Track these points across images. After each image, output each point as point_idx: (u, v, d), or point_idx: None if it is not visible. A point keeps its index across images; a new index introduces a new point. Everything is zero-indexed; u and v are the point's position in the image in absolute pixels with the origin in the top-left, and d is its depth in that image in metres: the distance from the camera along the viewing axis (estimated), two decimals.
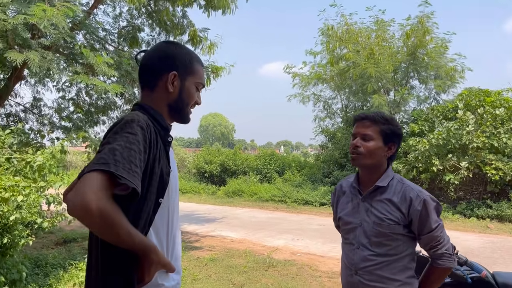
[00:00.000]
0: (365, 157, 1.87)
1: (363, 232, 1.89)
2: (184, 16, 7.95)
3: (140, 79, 1.53)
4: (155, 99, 1.49)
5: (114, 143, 1.22)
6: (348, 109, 16.53)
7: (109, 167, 1.15)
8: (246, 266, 6.08)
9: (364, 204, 1.92)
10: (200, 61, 1.60)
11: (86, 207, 1.10)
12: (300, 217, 11.58)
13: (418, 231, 1.84)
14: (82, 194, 1.11)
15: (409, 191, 1.84)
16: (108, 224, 1.14)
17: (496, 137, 10.65)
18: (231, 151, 20.90)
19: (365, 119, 1.91)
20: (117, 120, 1.33)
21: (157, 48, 1.55)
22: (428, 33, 13.34)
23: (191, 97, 1.55)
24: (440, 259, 1.85)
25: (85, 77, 5.52)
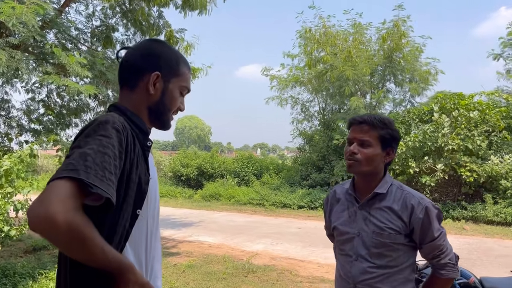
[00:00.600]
0: (363, 164, 1.74)
1: (361, 242, 1.76)
2: (160, 17, 7.78)
3: (120, 77, 1.39)
4: (134, 100, 1.35)
5: (85, 147, 1.06)
6: (326, 111, 16.60)
7: (79, 174, 1.00)
8: (225, 272, 5.93)
9: (361, 213, 1.79)
10: (187, 64, 1.46)
11: (51, 220, 0.93)
12: (279, 220, 11.50)
13: (420, 240, 1.73)
14: (46, 204, 0.95)
15: (410, 198, 1.73)
16: (77, 240, 0.99)
17: (470, 139, 10.84)
18: (208, 154, 20.68)
19: (362, 123, 1.76)
20: (89, 122, 1.18)
21: (141, 45, 1.43)
22: (404, 36, 13.53)
23: (173, 101, 1.39)
24: (443, 269, 1.75)
25: (57, 78, 5.27)
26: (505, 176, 10.51)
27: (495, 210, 10.20)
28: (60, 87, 7.19)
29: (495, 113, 11.05)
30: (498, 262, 6.83)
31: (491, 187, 10.92)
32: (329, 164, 14.60)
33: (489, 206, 10.37)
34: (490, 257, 7.18)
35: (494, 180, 10.73)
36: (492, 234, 9.15)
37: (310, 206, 13.21)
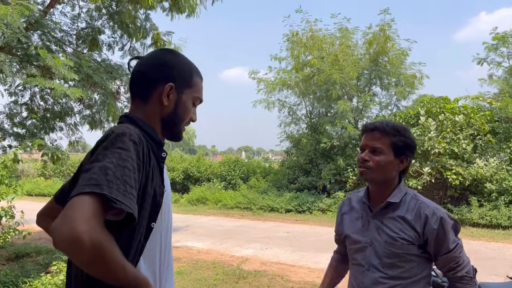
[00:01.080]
0: (374, 171, 1.70)
1: (374, 252, 1.71)
2: (147, 19, 7.66)
3: (132, 88, 1.36)
4: (147, 111, 1.32)
5: (104, 161, 1.02)
6: (313, 115, 16.61)
7: (102, 189, 0.97)
8: (216, 278, 5.83)
9: (374, 222, 1.75)
10: (199, 74, 1.43)
11: (76, 239, 0.90)
12: (267, 224, 11.43)
13: (435, 252, 1.67)
14: (71, 223, 0.91)
15: (424, 208, 1.68)
16: (101, 259, 0.95)
17: (456, 143, 10.97)
18: (194, 157, 20.52)
19: (374, 130, 1.72)
20: (105, 133, 1.13)
21: (154, 55, 1.39)
22: (390, 40, 13.65)
23: (187, 112, 1.37)
24: (460, 282, 1.69)
25: (42, 80, 5.13)
26: (490, 179, 10.66)
27: (480, 212, 10.32)
28: (44, 90, 7.01)
29: (480, 117, 11.22)
30: (485, 264, 6.88)
31: (476, 190, 11.07)
32: (317, 168, 14.60)
33: (474, 209, 10.50)
34: (477, 260, 7.23)
35: (479, 183, 10.88)
36: (478, 237, 9.25)
37: (298, 210, 13.18)
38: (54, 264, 4.92)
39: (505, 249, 8.09)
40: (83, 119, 7.98)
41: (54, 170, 22.76)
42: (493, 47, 15.15)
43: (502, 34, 14.71)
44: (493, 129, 11.67)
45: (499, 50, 15.18)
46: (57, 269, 4.77)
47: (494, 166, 10.71)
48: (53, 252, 7.11)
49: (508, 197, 10.35)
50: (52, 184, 20.79)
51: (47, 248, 7.66)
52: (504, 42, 14.80)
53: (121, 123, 1.27)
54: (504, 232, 9.59)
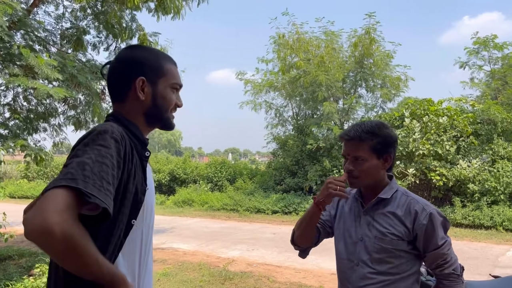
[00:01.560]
0: (362, 179, 1.72)
1: (364, 247, 1.72)
2: (133, 20, 7.61)
3: (109, 92, 1.39)
4: (128, 110, 1.34)
5: (83, 156, 1.03)
6: (299, 117, 16.68)
7: (77, 183, 0.98)
8: (202, 280, 5.81)
9: (366, 218, 1.76)
10: (171, 59, 1.42)
11: (47, 230, 0.91)
12: (253, 226, 11.43)
13: (423, 247, 1.69)
14: (43, 214, 0.92)
15: (414, 204, 1.70)
16: (73, 251, 0.96)
17: (440, 144, 11.13)
18: (180, 159, 20.42)
19: (351, 139, 1.73)
20: (88, 131, 1.15)
21: (119, 56, 1.40)
22: (375, 42, 13.80)
23: (167, 101, 1.37)
24: (447, 279, 1.71)
25: (25, 80, 5.04)
26: (473, 180, 10.84)
27: (463, 213, 10.48)
28: (27, 90, 6.91)
29: (463, 119, 11.41)
30: (469, 264, 6.99)
31: (459, 190, 11.24)
32: (303, 169, 14.66)
33: (457, 209, 10.65)
34: (461, 259, 7.26)
35: (462, 184, 11.05)
36: (461, 237, 9.38)
37: (284, 211, 13.21)
38: (37, 267, 4.84)
39: (488, 248, 8.23)
40: (67, 120, 7.88)
41: (37, 172, 22.40)
42: (474, 51, 15.43)
43: (484, 39, 15.00)
44: (476, 130, 11.87)
45: (481, 54, 15.47)
46: (40, 271, 4.70)
47: (476, 167, 10.89)
48: (36, 255, 6.99)
49: (490, 198, 10.52)
50: (35, 186, 20.45)
51: (30, 250, 7.54)
52: (486, 46, 15.09)
53: (107, 121, 1.29)
54: (487, 232, 9.75)
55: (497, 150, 11.26)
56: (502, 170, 10.63)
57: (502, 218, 9.84)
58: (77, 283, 1.08)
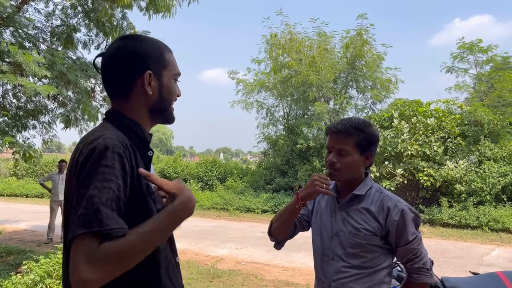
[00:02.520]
0: (343, 172, 1.78)
1: (339, 242, 1.78)
2: (124, 18, 7.61)
3: (107, 87, 1.31)
4: (132, 107, 1.28)
5: (90, 188, 1.06)
6: (290, 117, 16.77)
7: (93, 227, 1.02)
8: (190, 277, 5.85)
9: (341, 213, 1.82)
10: (169, 48, 1.37)
11: (86, 285, 1.00)
12: (243, 225, 11.49)
13: (395, 243, 1.75)
14: (76, 273, 1.00)
15: (387, 200, 1.76)
16: (125, 263, 1.06)
17: (427, 145, 11.27)
18: (171, 158, 20.42)
19: (338, 132, 1.78)
20: (88, 148, 1.11)
21: (117, 48, 1.29)
22: (367, 43, 13.92)
23: (172, 92, 1.34)
24: (417, 273, 1.77)
25: (12, 77, 5.04)
26: (460, 181, 11.00)
27: (450, 213, 10.62)
28: (16, 87, 6.89)
29: (451, 120, 11.56)
30: (453, 263, 7.12)
31: (447, 191, 11.39)
32: (293, 169, 14.74)
33: (444, 209, 10.80)
34: (446, 258, 7.47)
35: (449, 185, 11.20)
36: (447, 236, 9.52)
37: (274, 210, 13.27)
38: (25, 264, 4.85)
39: (473, 248, 8.37)
40: (57, 117, 7.87)
41: (26, 170, 22.23)
42: (460, 56, 15.70)
43: (469, 43, 15.27)
44: (463, 132, 12.04)
45: (466, 58, 15.75)
46: (27, 268, 4.71)
47: (463, 168, 11.05)
48: (24, 252, 6.98)
49: (476, 198, 10.68)
50: (24, 184, 20.29)
51: (17, 248, 7.52)
52: (471, 51, 15.35)
53: (104, 120, 1.28)
54: (472, 232, 9.90)
55: (484, 151, 11.43)
56: (488, 171, 10.80)
57: (487, 218, 10.00)
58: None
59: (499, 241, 8.97)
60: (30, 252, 6.91)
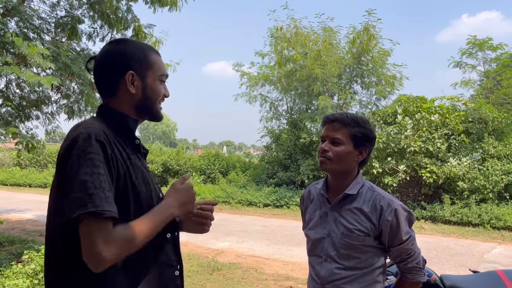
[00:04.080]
0: (334, 162, 1.74)
1: (331, 243, 1.76)
2: (129, 10, 7.58)
3: (97, 88, 1.43)
4: (119, 104, 1.39)
5: (81, 173, 1.14)
6: (293, 111, 16.74)
7: (88, 208, 1.11)
8: (190, 270, 5.88)
9: (333, 214, 1.79)
10: (155, 51, 1.47)
11: (105, 263, 1.12)
12: (244, 218, 11.52)
13: (389, 243, 1.73)
14: (95, 250, 1.11)
15: (379, 199, 1.72)
16: (131, 247, 1.18)
17: (431, 141, 11.22)
18: (174, 150, 20.43)
19: (334, 121, 1.76)
20: (71, 136, 1.21)
21: (105, 51, 1.42)
22: (373, 38, 13.85)
23: (156, 93, 1.43)
24: (410, 273, 1.77)
25: (16, 69, 5.04)
26: (462, 178, 10.96)
27: (452, 210, 10.60)
28: (20, 78, 6.90)
29: (455, 117, 11.50)
30: (454, 260, 7.12)
31: (449, 188, 11.35)
32: (296, 163, 14.74)
33: (446, 206, 10.77)
34: (447, 255, 7.47)
35: (452, 182, 11.16)
36: (449, 234, 9.52)
37: (276, 205, 13.30)
38: (26, 253, 4.89)
39: (474, 245, 8.36)
40: (60, 109, 7.89)
41: (30, 160, 22.34)
42: (469, 51, 15.58)
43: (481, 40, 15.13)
44: (467, 129, 11.97)
45: (475, 54, 15.61)
46: (29, 258, 4.75)
47: (466, 165, 11.00)
48: (26, 242, 7.03)
49: (479, 196, 10.65)
50: (28, 174, 20.42)
51: (20, 238, 7.58)
52: (480, 47, 15.22)
53: (96, 115, 1.38)
54: (474, 229, 9.88)
55: (487, 149, 11.38)
56: (491, 168, 10.76)
57: (489, 216, 9.98)
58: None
59: (501, 239, 8.95)
60: (32, 242, 6.96)
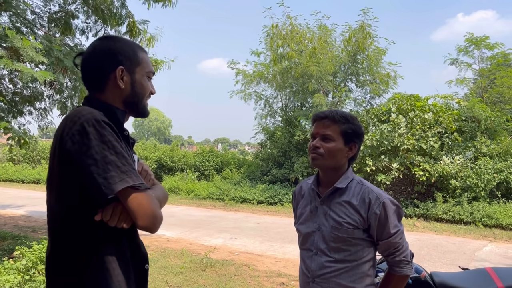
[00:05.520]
0: (325, 158, 1.77)
1: (321, 237, 1.78)
2: (123, 6, 7.54)
3: (85, 83, 1.45)
4: (108, 99, 1.43)
5: (107, 154, 1.23)
6: (288, 108, 16.74)
7: (128, 182, 1.24)
8: (183, 266, 5.88)
9: (322, 208, 1.82)
10: (143, 49, 1.51)
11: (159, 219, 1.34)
12: (238, 215, 11.53)
13: (377, 236, 1.75)
14: (152, 212, 1.29)
15: (368, 192, 1.75)
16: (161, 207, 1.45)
17: (424, 140, 11.28)
18: (168, 147, 20.38)
19: (324, 118, 1.80)
20: (77, 122, 1.25)
21: (95, 47, 1.44)
22: (369, 36, 13.87)
23: (145, 88, 1.47)
24: (398, 266, 1.79)
25: (9, 62, 5.00)
26: (455, 176, 11.03)
27: (444, 208, 10.67)
28: (13, 73, 6.86)
29: (448, 116, 11.56)
30: (446, 257, 7.17)
31: (442, 186, 11.43)
32: (290, 160, 14.77)
33: (439, 204, 10.84)
34: (438, 253, 7.52)
35: (444, 180, 11.23)
36: (441, 231, 9.58)
37: (270, 202, 13.33)
38: (17, 249, 4.87)
39: (466, 243, 8.42)
40: (53, 104, 7.85)
41: (23, 156, 22.20)
42: (465, 49, 15.60)
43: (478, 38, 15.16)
44: (460, 127, 12.04)
45: (472, 52, 15.64)
46: (20, 254, 4.73)
47: (459, 163, 11.07)
48: (18, 238, 7.00)
49: (471, 194, 10.73)
50: (21, 169, 20.29)
51: (12, 234, 7.54)
52: (477, 45, 15.25)
53: (83, 105, 1.38)
54: (466, 227, 9.96)
55: (480, 147, 11.46)
56: (483, 167, 10.83)
57: (481, 214, 10.05)
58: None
59: (492, 237, 9.03)
60: (24, 237, 6.93)
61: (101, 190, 1.19)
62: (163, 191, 1.50)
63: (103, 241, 1.30)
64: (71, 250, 1.29)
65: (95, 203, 1.25)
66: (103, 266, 1.28)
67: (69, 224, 1.29)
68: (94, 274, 1.27)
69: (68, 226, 1.29)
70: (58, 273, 1.31)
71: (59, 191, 1.31)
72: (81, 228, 1.28)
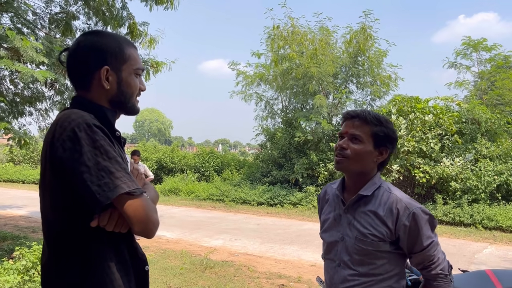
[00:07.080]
0: (351, 161, 1.62)
1: (344, 248, 1.65)
2: (124, 8, 7.55)
3: (71, 81, 1.38)
4: (93, 98, 1.34)
5: (99, 160, 1.19)
6: (288, 110, 16.74)
7: (123, 189, 1.19)
8: (183, 267, 5.88)
9: (346, 216, 1.67)
10: (131, 43, 1.41)
11: (156, 225, 1.28)
12: (238, 216, 11.52)
13: (408, 249, 1.60)
14: (151, 218, 1.25)
15: (396, 202, 1.59)
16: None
17: (424, 141, 11.29)
18: (168, 148, 20.39)
19: (355, 117, 1.65)
20: (70, 128, 1.19)
21: (79, 44, 1.35)
22: (370, 38, 13.89)
23: (132, 87, 1.38)
24: (435, 280, 1.63)
25: (9, 62, 5.02)
26: (455, 178, 11.03)
27: (444, 210, 10.67)
28: (13, 74, 6.87)
29: (448, 118, 11.57)
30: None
31: (442, 188, 11.42)
32: (290, 162, 14.77)
33: (439, 206, 10.84)
34: None
35: (444, 182, 11.23)
36: (441, 233, 9.56)
37: (270, 203, 13.32)
38: (17, 250, 4.87)
39: (466, 245, 8.41)
40: (54, 105, 7.86)
41: (24, 156, 22.23)
42: (464, 52, 15.62)
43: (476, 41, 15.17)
44: (460, 129, 12.04)
45: (470, 54, 15.65)
46: (20, 254, 4.73)
47: (459, 165, 11.07)
48: (18, 238, 7.01)
49: (471, 196, 10.72)
50: (21, 170, 20.31)
51: (12, 234, 7.55)
52: (475, 48, 15.27)
53: (71, 105, 1.33)
54: (466, 229, 9.95)
55: (480, 150, 11.45)
56: (484, 169, 10.83)
57: (481, 216, 10.05)
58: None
59: (492, 239, 9.02)
60: (24, 238, 6.94)
61: (95, 198, 1.15)
62: (154, 191, 1.46)
63: (101, 246, 1.26)
64: (69, 256, 1.25)
65: (90, 209, 1.20)
66: (103, 271, 1.25)
67: (65, 230, 1.25)
68: (95, 279, 1.24)
69: (64, 233, 1.25)
70: (57, 278, 1.28)
71: (52, 198, 1.27)
72: (77, 234, 1.24)
